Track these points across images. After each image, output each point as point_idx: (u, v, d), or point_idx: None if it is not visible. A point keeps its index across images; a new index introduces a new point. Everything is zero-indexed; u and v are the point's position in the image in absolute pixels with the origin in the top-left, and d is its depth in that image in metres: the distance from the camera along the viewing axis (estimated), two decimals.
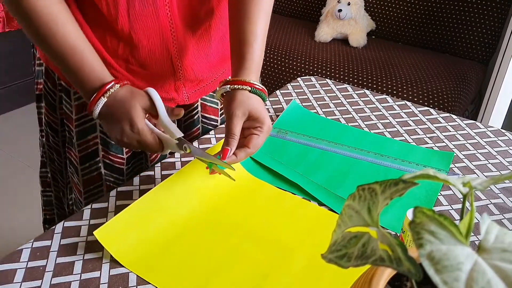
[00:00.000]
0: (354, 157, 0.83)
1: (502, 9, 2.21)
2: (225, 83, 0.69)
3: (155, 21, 0.71)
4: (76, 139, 0.81)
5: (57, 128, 0.85)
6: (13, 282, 0.56)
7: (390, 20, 2.50)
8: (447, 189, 0.75)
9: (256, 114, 0.67)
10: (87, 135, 0.81)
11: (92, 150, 0.82)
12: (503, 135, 0.92)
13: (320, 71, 2.21)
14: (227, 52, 0.83)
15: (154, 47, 0.73)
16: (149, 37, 0.72)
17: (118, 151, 0.83)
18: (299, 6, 2.80)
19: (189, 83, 0.81)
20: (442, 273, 0.26)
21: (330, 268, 0.38)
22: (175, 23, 0.73)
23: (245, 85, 0.68)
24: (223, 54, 0.84)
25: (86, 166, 0.83)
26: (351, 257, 0.30)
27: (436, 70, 2.17)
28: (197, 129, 0.91)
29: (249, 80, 0.68)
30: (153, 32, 0.72)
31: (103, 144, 0.82)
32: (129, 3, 0.67)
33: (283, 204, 0.71)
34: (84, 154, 0.82)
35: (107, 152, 0.82)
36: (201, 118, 0.91)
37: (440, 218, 0.29)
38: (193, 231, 0.65)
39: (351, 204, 0.33)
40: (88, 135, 0.81)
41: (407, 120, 0.96)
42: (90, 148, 0.82)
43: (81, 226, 0.65)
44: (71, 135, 0.82)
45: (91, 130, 0.81)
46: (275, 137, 0.87)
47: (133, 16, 0.69)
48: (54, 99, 0.82)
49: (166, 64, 0.76)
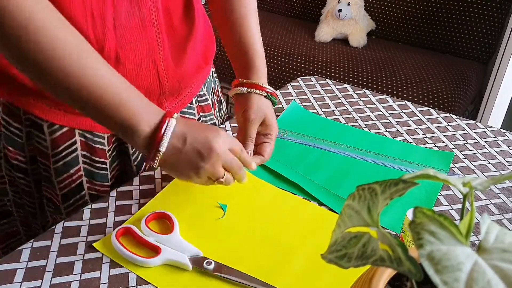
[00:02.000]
0: (354, 157, 0.83)
1: (502, 9, 2.21)
2: (240, 85, 0.71)
3: (142, 32, 0.66)
4: (56, 176, 0.73)
5: (27, 167, 0.75)
6: (13, 282, 0.56)
7: (390, 20, 2.50)
8: (447, 189, 0.75)
9: (269, 121, 0.69)
10: (69, 169, 0.72)
11: (76, 184, 0.74)
12: (503, 135, 0.92)
13: (320, 71, 2.21)
14: (201, 61, 0.82)
15: (141, 60, 0.68)
16: (135, 50, 0.67)
17: (103, 179, 0.76)
18: (299, 6, 2.80)
19: (170, 96, 0.77)
20: (442, 273, 0.26)
21: (330, 268, 0.38)
22: (161, 31, 0.69)
23: (261, 89, 0.70)
24: (198, 62, 0.82)
25: (70, 203, 0.75)
26: (351, 257, 0.30)
27: (436, 70, 2.17)
28: None
29: (262, 84, 0.70)
30: (140, 44, 0.67)
31: (88, 175, 0.74)
32: (115, 17, 0.62)
33: (283, 204, 0.71)
34: (67, 191, 0.74)
35: (92, 183, 0.75)
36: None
37: (440, 218, 0.29)
38: (192, 231, 0.65)
39: (351, 204, 0.33)
40: (70, 169, 0.72)
41: (407, 120, 0.96)
42: (74, 183, 0.74)
43: (81, 226, 0.65)
44: (48, 172, 0.73)
45: (73, 163, 0.72)
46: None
47: (120, 31, 0.64)
48: (20, 137, 0.71)
49: (152, 77, 0.71)
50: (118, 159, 0.78)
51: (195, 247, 0.61)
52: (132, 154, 0.78)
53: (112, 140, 0.76)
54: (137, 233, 0.62)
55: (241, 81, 0.70)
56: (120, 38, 0.64)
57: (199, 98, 0.88)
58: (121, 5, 0.62)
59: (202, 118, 0.90)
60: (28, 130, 0.71)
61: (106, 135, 0.74)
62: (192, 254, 0.60)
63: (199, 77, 0.84)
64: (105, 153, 0.75)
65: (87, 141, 0.72)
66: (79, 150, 0.72)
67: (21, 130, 0.71)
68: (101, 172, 0.75)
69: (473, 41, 2.31)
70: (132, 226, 0.63)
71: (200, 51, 0.81)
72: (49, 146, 0.71)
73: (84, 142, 0.72)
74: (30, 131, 0.71)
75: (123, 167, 0.80)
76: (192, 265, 0.59)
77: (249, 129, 0.67)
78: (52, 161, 0.72)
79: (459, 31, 2.33)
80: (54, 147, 0.71)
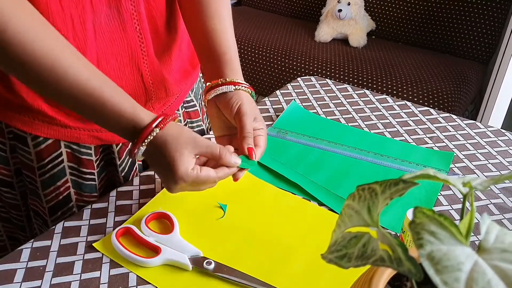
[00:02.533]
0: (354, 157, 0.83)
1: (502, 9, 2.21)
2: (222, 84, 0.68)
3: (123, 36, 0.65)
4: (42, 189, 0.71)
5: (12, 180, 0.73)
6: (13, 282, 0.56)
7: (390, 20, 2.50)
8: (447, 189, 0.75)
9: (259, 116, 0.68)
10: (55, 182, 0.71)
11: (63, 196, 0.73)
12: (503, 135, 0.92)
13: (320, 71, 2.21)
14: (188, 66, 0.81)
15: (123, 65, 0.67)
16: (117, 55, 0.66)
17: (92, 190, 0.75)
18: (299, 6, 2.80)
19: (157, 103, 0.76)
20: (442, 273, 0.26)
21: (330, 268, 0.38)
22: (145, 37, 0.67)
23: (247, 87, 0.69)
24: (185, 67, 0.81)
25: (57, 216, 0.74)
26: (351, 257, 0.30)
27: (436, 70, 2.17)
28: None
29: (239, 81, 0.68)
30: (121, 49, 0.66)
31: (75, 187, 0.73)
32: (95, 22, 0.62)
33: (283, 204, 0.71)
34: (54, 203, 0.73)
35: (80, 194, 0.74)
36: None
37: (440, 218, 0.29)
38: (192, 231, 0.65)
39: (351, 204, 0.33)
40: (56, 181, 0.71)
41: (407, 120, 0.96)
42: (61, 195, 0.73)
43: (81, 226, 0.65)
44: (34, 185, 0.72)
45: (60, 175, 0.71)
46: (275, 137, 0.87)
47: (100, 36, 0.63)
48: (4, 151, 0.71)
49: (137, 83, 0.70)
50: (105, 170, 0.77)
51: (195, 247, 0.61)
52: (119, 165, 0.77)
53: (100, 151, 0.75)
54: (137, 233, 0.62)
55: (222, 81, 0.68)
56: (100, 43, 0.64)
57: (185, 104, 0.86)
58: (100, 10, 0.62)
59: (188, 124, 0.88)
60: (12, 143, 0.70)
61: (93, 145, 0.72)
62: (192, 254, 0.60)
63: (186, 83, 0.82)
64: (93, 163, 0.74)
65: (73, 153, 0.71)
66: (66, 161, 0.71)
67: (5, 144, 0.70)
68: (89, 183, 0.74)
69: (473, 41, 2.31)
70: (132, 226, 0.63)
71: (186, 56, 0.80)
72: (34, 159, 0.70)
73: (71, 154, 0.71)
74: (14, 144, 0.70)
75: (111, 177, 0.79)
76: (192, 265, 0.59)
77: (247, 123, 0.65)
78: (37, 173, 0.70)
79: (459, 31, 2.33)
80: (39, 159, 0.70)
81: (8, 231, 0.80)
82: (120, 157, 0.77)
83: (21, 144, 0.69)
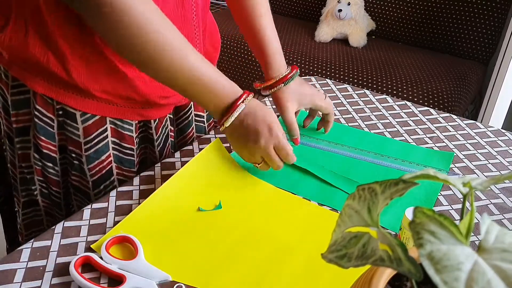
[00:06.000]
0: (354, 157, 0.83)
1: (502, 9, 2.21)
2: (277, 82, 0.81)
3: (184, 24, 0.73)
4: (87, 164, 0.76)
5: (56, 156, 0.77)
6: (13, 282, 0.56)
7: (390, 20, 2.50)
8: (447, 189, 0.75)
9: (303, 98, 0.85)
10: (100, 156, 0.76)
11: (106, 170, 0.78)
12: (503, 135, 0.92)
13: (320, 71, 2.21)
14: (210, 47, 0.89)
15: None
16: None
17: (131, 165, 0.80)
18: (299, 6, 2.80)
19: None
20: (442, 273, 0.26)
21: (330, 268, 0.38)
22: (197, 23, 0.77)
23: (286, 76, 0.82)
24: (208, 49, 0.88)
25: (100, 190, 0.79)
26: (351, 257, 0.30)
27: (436, 70, 2.17)
28: (192, 129, 0.92)
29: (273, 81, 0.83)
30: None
31: (117, 161, 0.79)
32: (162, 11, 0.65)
33: (283, 204, 0.71)
34: (97, 177, 0.78)
35: (121, 168, 0.80)
36: (194, 117, 0.93)
37: (440, 218, 0.29)
38: (192, 231, 0.65)
39: (351, 204, 0.33)
40: (101, 155, 0.76)
41: (407, 120, 0.96)
42: (104, 169, 0.78)
43: (81, 226, 0.65)
44: (79, 161, 0.76)
45: (104, 149, 0.76)
46: None
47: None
48: (52, 126, 0.74)
49: None
50: (142, 146, 0.83)
51: (163, 272, 0.57)
52: (155, 140, 0.82)
53: (139, 127, 0.80)
54: (98, 262, 0.57)
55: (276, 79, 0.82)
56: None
57: None
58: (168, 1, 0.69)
59: (194, 117, 0.93)
60: (61, 119, 0.74)
61: (134, 122, 0.78)
62: (160, 280, 0.56)
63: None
64: (133, 139, 0.79)
65: (117, 128, 0.76)
66: (110, 137, 0.76)
67: (53, 120, 0.74)
68: (129, 158, 0.80)
69: (473, 41, 2.31)
70: (91, 254, 0.58)
71: (209, 39, 0.87)
72: (81, 134, 0.74)
73: (114, 129, 0.76)
74: (63, 121, 0.74)
75: (146, 154, 0.84)
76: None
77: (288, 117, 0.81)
78: (84, 148, 0.75)
79: (459, 31, 2.33)
80: (86, 135, 0.74)
81: (46, 207, 0.83)
82: (157, 133, 0.82)
83: (70, 121, 0.73)
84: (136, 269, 0.57)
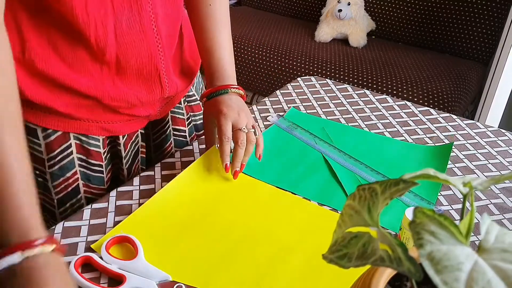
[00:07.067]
0: (348, 168, 0.80)
1: (502, 9, 2.21)
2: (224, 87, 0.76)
3: (143, 38, 0.68)
4: (51, 181, 0.73)
5: None
6: None
7: (390, 20, 2.51)
8: (447, 189, 0.75)
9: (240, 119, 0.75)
10: (65, 173, 0.73)
11: (72, 188, 0.75)
12: (503, 135, 0.93)
13: (320, 71, 2.21)
14: (191, 61, 0.85)
15: (142, 66, 0.70)
16: (137, 56, 0.68)
17: (100, 182, 0.77)
18: (299, 6, 2.80)
19: (165, 100, 0.79)
20: (442, 273, 0.26)
21: (330, 268, 0.38)
22: (161, 37, 0.70)
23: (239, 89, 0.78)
24: (189, 63, 0.85)
25: (66, 208, 0.76)
26: (352, 257, 0.30)
27: (436, 70, 2.17)
28: (170, 144, 0.89)
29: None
30: (141, 50, 0.68)
31: (84, 178, 0.75)
32: (116, 24, 0.64)
33: (283, 204, 0.71)
34: (63, 195, 0.74)
35: (88, 186, 0.76)
36: (172, 131, 0.89)
37: (440, 218, 0.29)
38: (192, 231, 0.65)
39: (351, 204, 0.33)
40: (66, 172, 0.73)
41: (407, 120, 0.96)
42: (70, 186, 0.74)
43: (81, 226, 0.65)
44: (44, 178, 0.73)
45: (69, 166, 0.73)
46: (285, 130, 0.90)
47: (120, 38, 0.65)
48: None
49: (154, 83, 0.73)
50: (111, 163, 0.79)
51: (163, 271, 0.57)
52: (124, 157, 0.79)
53: (107, 143, 0.76)
54: (98, 262, 0.57)
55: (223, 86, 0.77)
56: (121, 44, 0.66)
57: (188, 99, 0.90)
58: (122, 13, 0.64)
59: (191, 117, 0.92)
60: None
61: (101, 137, 0.74)
62: (160, 279, 0.56)
63: (192, 77, 0.86)
64: (101, 155, 0.75)
65: (82, 144, 0.73)
66: (75, 153, 0.73)
67: None
68: (97, 175, 0.76)
69: (473, 41, 2.31)
70: (92, 254, 0.58)
71: (189, 52, 0.84)
72: (43, 150, 0.71)
73: (79, 145, 0.73)
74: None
75: (116, 170, 0.81)
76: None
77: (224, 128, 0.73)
78: (47, 165, 0.72)
79: (459, 31, 2.33)
80: (49, 151, 0.71)
81: None
82: (125, 149, 0.79)
83: (31, 137, 0.70)
84: (136, 269, 0.57)
